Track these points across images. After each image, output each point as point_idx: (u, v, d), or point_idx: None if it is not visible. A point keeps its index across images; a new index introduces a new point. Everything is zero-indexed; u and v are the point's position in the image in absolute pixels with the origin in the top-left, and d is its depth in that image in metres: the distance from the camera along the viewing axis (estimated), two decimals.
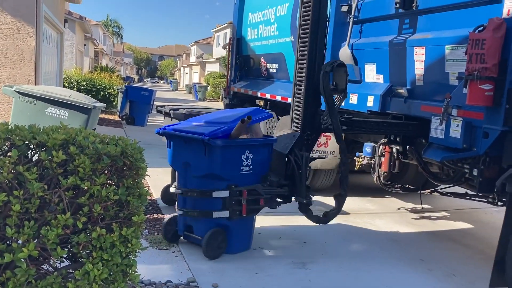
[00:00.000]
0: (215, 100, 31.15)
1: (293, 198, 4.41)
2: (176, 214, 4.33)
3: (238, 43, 9.73)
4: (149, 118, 14.00)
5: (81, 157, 2.22)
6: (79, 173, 2.22)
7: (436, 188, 5.92)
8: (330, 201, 6.17)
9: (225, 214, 4.01)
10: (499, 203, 4.75)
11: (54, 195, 2.17)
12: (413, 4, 4.57)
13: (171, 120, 5.01)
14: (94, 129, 5.67)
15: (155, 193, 5.95)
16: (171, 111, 4.93)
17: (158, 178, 6.28)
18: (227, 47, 10.38)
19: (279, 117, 7.73)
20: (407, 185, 6.11)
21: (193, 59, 58.12)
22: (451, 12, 4.18)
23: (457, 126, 3.84)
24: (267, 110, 6.81)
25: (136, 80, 65.35)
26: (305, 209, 4.33)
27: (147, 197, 2.57)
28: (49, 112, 5.29)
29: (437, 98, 4.23)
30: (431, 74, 4.38)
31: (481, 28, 3.57)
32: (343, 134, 4.69)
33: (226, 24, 39.44)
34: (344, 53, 5.69)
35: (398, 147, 5.26)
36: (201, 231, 4.13)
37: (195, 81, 45.70)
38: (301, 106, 4.46)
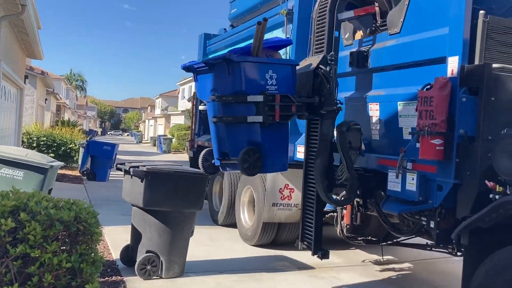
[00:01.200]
0: (180, 152, 30.99)
1: None
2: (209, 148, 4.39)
3: None
4: (111, 173, 13.74)
5: (32, 224, 2.15)
6: (29, 240, 2.14)
7: (397, 240, 5.98)
8: (295, 255, 6.16)
9: (259, 118, 4.04)
10: (458, 253, 4.85)
11: (1, 265, 2.08)
12: (366, 63, 4.81)
13: (131, 178, 4.94)
14: (51, 189, 5.50)
15: (115, 254, 5.74)
16: (131, 169, 4.87)
17: (118, 237, 6.09)
18: (192, 100, 10.48)
19: None
20: (369, 237, 6.15)
21: (158, 111, 58.20)
22: (401, 70, 4.42)
23: (413, 179, 3.96)
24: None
25: (99, 133, 64.53)
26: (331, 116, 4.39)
27: (106, 258, 2.49)
28: (2, 173, 5.13)
29: (393, 152, 4.37)
30: (386, 129, 4.55)
31: (428, 87, 3.77)
32: None
33: (191, 78, 39.89)
34: None
35: (358, 200, 5.33)
36: (236, 152, 4.15)
37: (160, 133, 45.53)
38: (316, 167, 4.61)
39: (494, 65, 3.63)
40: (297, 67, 4.52)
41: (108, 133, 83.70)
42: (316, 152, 4.53)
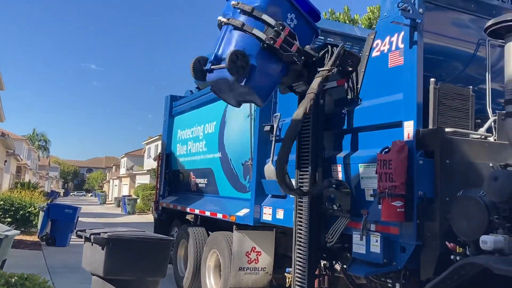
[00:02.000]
0: (145, 213, 30.26)
1: None
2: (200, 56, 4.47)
3: (167, 158, 9.81)
4: (72, 237, 13.21)
5: None
6: None
7: None
8: None
9: (262, 35, 4.30)
10: None
11: None
12: (328, 126, 4.95)
13: (92, 245, 4.77)
14: (5, 260, 5.23)
15: None
16: (92, 236, 4.71)
17: None
18: (157, 160, 10.41)
19: (209, 233, 7.62)
20: None
21: (123, 171, 57.22)
22: (361, 133, 4.57)
23: (376, 241, 4.00)
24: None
25: (62, 194, 62.53)
26: None
27: None
28: None
29: (357, 213, 4.42)
30: (349, 191, 4.62)
31: (387, 150, 3.90)
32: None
33: (158, 137, 39.83)
34: (269, 170, 5.90)
35: (325, 262, 5.29)
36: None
37: (125, 193, 44.53)
38: (304, 228, 4.70)
39: (447, 129, 3.81)
40: None
41: (71, 194, 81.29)
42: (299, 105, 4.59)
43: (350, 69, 5.12)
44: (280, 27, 4.34)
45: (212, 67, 4.45)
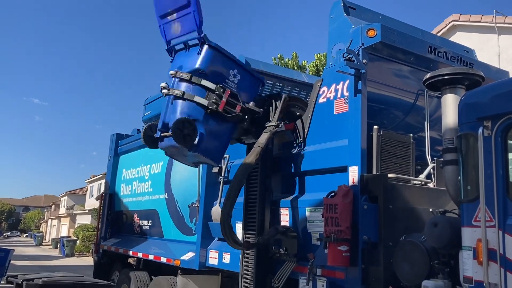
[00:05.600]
0: (85, 255, 28.75)
1: None
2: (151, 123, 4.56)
3: (110, 199, 9.46)
4: (1, 283, 12.24)
5: None
6: None
7: None
8: None
9: (205, 102, 4.37)
10: None
11: None
12: (275, 168, 4.98)
13: None
14: None
15: None
16: (24, 282, 4.39)
17: None
18: (100, 200, 10.01)
19: (152, 277, 7.32)
20: None
21: (63, 210, 54.54)
22: (308, 177, 4.63)
23: (323, 286, 4.00)
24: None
25: None
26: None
27: None
28: None
29: (303, 258, 4.41)
30: (296, 234, 4.61)
31: (333, 194, 3.97)
32: None
33: (101, 175, 38.62)
34: (216, 212, 5.81)
35: None
36: None
37: (64, 234, 42.31)
38: (251, 272, 4.67)
39: (390, 175, 3.94)
40: None
41: (4, 234, 76.15)
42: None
43: (298, 113, 5.24)
44: (221, 90, 4.40)
45: (162, 135, 4.50)
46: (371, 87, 4.31)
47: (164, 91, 4.52)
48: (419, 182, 4.20)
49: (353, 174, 4.00)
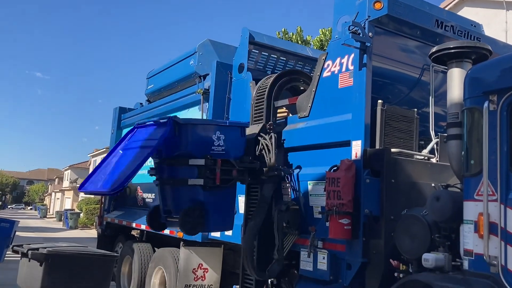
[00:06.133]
0: (88, 228, 29.12)
1: None
2: (157, 204, 4.25)
3: None
4: (7, 253, 12.43)
5: None
6: None
7: None
8: None
9: (200, 181, 4.03)
10: None
11: None
12: (280, 143, 4.99)
13: (29, 261, 4.51)
14: None
15: None
16: (29, 251, 4.46)
17: None
18: None
19: (155, 248, 7.42)
20: None
21: (66, 183, 55.02)
22: (311, 151, 4.63)
23: (323, 258, 4.03)
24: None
25: None
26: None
27: None
28: None
29: (305, 230, 4.45)
30: (298, 208, 4.64)
31: (335, 168, 3.97)
32: None
33: (104, 149, 38.76)
34: None
35: (273, 279, 5.27)
36: (179, 211, 4.05)
37: (67, 207, 42.77)
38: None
39: (393, 150, 3.94)
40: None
41: (9, 207, 77.06)
42: (253, 213, 4.60)
43: (301, 88, 5.21)
44: (212, 162, 4.22)
45: (168, 220, 4.45)
46: (376, 61, 4.27)
47: (156, 182, 4.46)
48: (422, 157, 4.19)
49: (356, 148, 4.00)
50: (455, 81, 3.56)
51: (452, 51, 3.58)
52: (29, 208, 78.44)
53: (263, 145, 4.63)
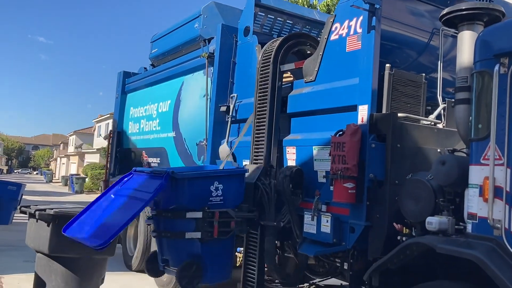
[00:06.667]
0: (94, 193, 29.47)
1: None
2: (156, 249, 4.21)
3: (118, 136, 9.55)
4: (15, 215, 12.66)
5: None
6: None
7: (314, 281, 6.04)
8: None
9: (197, 235, 3.99)
10: None
11: None
12: (284, 108, 4.97)
13: (37, 222, 4.57)
14: None
15: None
16: (37, 212, 4.52)
17: (19, 287, 5.56)
18: (108, 138, 10.12)
19: None
20: (287, 279, 6.15)
21: (71, 149, 55.39)
22: (316, 116, 4.61)
23: (327, 221, 4.07)
24: None
25: (5, 171, 59.86)
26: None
27: None
28: None
29: (309, 194, 4.48)
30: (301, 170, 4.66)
31: (341, 133, 3.96)
32: None
33: (109, 115, 38.82)
34: (224, 150, 5.87)
35: (276, 242, 5.35)
36: (176, 262, 4.03)
37: (73, 172, 43.18)
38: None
39: (400, 114, 3.91)
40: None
41: (15, 171, 77.94)
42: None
43: (308, 52, 5.14)
44: (209, 214, 4.11)
45: (165, 268, 4.40)
46: (385, 25, 4.18)
47: (153, 234, 4.39)
48: (429, 123, 4.17)
49: (363, 113, 3.98)
50: (466, 44, 3.49)
51: (464, 12, 3.49)
52: (35, 172, 79.33)
53: (262, 191, 4.55)
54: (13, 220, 12.40)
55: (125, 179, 4.25)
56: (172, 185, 3.94)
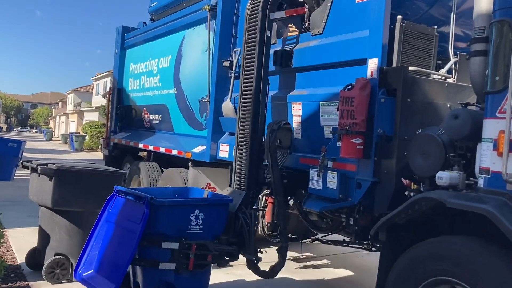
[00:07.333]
0: (94, 151, 29.57)
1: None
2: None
3: (119, 93, 9.43)
4: (16, 172, 12.68)
5: None
6: None
7: (316, 237, 6.11)
8: None
9: (172, 266, 3.80)
10: (373, 249, 5.04)
11: None
12: (290, 63, 4.83)
13: (39, 176, 4.55)
14: None
15: (20, 257, 5.30)
16: (39, 167, 4.48)
17: (24, 240, 5.63)
18: (107, 96, 9.99)
19: (163, 169, 7.52)
20: (289, 235, 6.21)
21: (70, 107, 55.15)
22: (323, 71, 4.49)
23: (333, 177, 4.03)
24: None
25: (4, 129, 59.84)
26: (253, 266, 4.36)
27: (9, 262, 2.21)
28: None
29: (314, 151, 4.43)
30: (308, 128, 4.60)
31: (350, 87, 3.86)
32: None
33: (107, 73, 38.40)
34: (227, 107, 5.78)
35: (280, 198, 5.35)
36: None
37: (72, 130, 43.18)
38: (244, 164, 4.53)
39: (410, 68, 3.79)
40: (227, 188, 4.62)
41: (15, 129, 77.93)
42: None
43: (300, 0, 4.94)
44: (186, 246, 3.84)
45: None
46: None
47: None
48: (439, 77, 4.06)
49: (372, 66, 3.85)
50: None
51: None
52: (34, 131, 79.34)
53: (242, 223, 4.27)
54: (15, 177, 12.47)
55: (110, 201, 4.06)
56: (151, 210, 3.72)
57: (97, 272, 3.76)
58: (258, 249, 4.37)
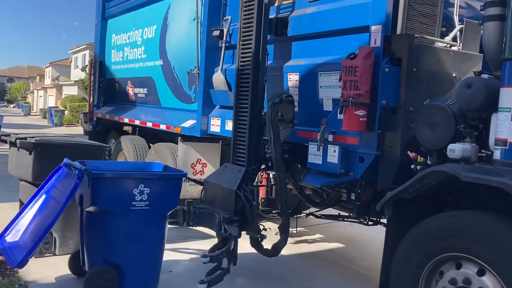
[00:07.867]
0: (74, 125, 29.00)
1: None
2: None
3: (101, 66, 9.06)
4: None
5: None
6: None
7: (311, 211, 6.01)
8: (207, 229, 5.91)
9: None
10: (370, 223, 4.97)
11: None
12: (285, 31, 4.59)
13: (18, 150, 4.30)
14: None
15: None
16: (17, 141, 4.24)
17: (5, 215, 5.40)
18: (87, 69, 9.62)
19: (150, 144, 7.29)
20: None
21: (48, 81, 53.80)
22: (322, 39, 4.27)
23: (334, 151, 3.87)
24: None
25: None
26: (257, 244, 4.23)
27: None
28: None
29: (313, 124, 4.25)
30: (306, 100, 4.41)
31: (352, 56, 3.66)
32: None
33: (85, 45, 37.39)
34: (218, 79, 5.54)
35: (274, 173, 5.20)
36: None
37: (51, 105, 42.24)
38: (244, 138, 4.35)
39: (416, 35, 3.61)
40: (226, 164, 4.44)
41: None
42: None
43: None
44: None
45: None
46: None
47: None
48: (444, 45, 3.88)
49: (376, 34, 3.65)
50: None
51: None
52: (11, 106, 77.47)
53: (243, 200, 4.10)
54: None
55: (55, 174, 3.85)
56: (89, 183, 3.54)
57: (18, 240, 3.61)
58: (262, 226, 4.26)
